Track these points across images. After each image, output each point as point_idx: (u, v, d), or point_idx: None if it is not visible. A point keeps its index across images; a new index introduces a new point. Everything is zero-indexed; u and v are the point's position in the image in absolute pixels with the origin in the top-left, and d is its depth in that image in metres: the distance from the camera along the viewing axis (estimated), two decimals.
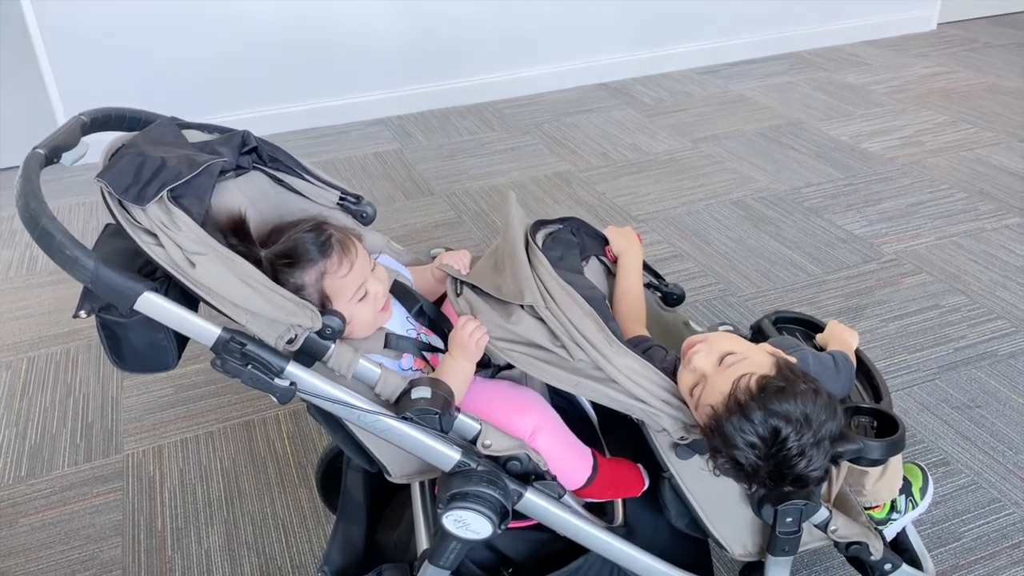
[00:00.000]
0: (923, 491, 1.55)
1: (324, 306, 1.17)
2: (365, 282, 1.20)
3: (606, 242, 1.49)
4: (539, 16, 4.39)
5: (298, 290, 1.15)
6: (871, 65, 4.76)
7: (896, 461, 1.44)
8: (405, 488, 1.45)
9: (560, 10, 4.42)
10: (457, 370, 1.19)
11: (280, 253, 1.15)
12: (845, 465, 1.37)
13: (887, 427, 1.29)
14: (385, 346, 1.23)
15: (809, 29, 5.04)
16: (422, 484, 1.38)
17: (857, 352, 1.48)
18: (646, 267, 1.51)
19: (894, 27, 5.26)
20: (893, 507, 1.51)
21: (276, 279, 1.14)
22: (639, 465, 1.36)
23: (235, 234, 1.14)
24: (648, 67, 4.72)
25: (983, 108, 4.09)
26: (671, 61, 4.77)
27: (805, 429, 1.10)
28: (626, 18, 4.59)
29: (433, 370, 1.26)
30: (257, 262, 1.13)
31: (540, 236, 1.28)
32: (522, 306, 1.17)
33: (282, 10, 3.90)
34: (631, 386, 1.15)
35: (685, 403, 1.17)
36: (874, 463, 1.29)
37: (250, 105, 4.04)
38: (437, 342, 1.31)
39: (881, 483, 1.43)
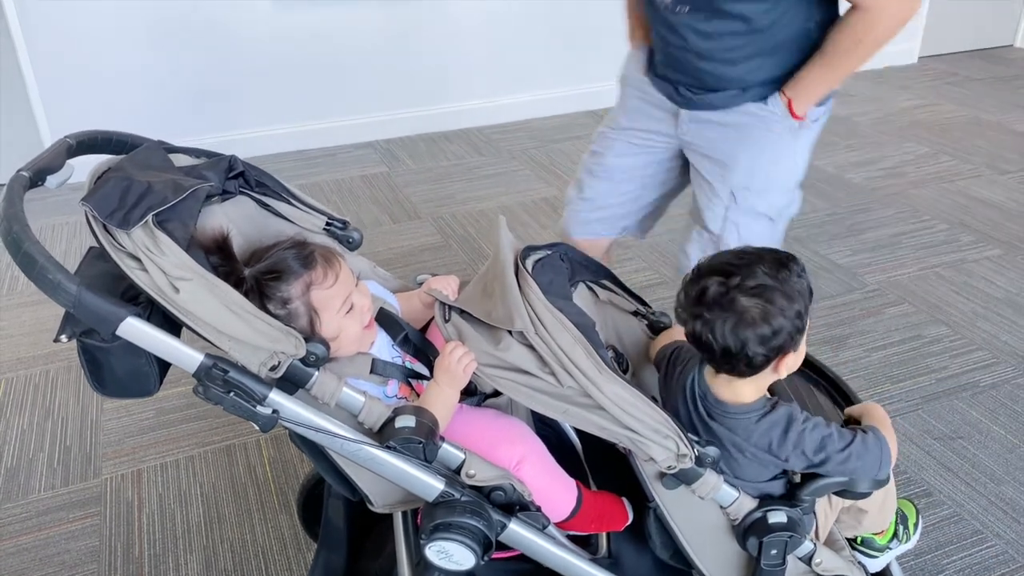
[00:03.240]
0: (915, 527, 1.56)
1: (312, 321, 1.17)
2: (350, 295, 1.21)
3: (603, 272, 1.48)
4: (527, 43, 4.44)
5: (285, 303, 1.15)
6: (854, 96, 4.83)
7: (892, 489, 1.44)
8: (387, 517, 1.43)
9: (548, 37, 4.46)
10: (442, 397, 1.18)
11: (265, 269, 1.16)
12: (838, 503, 1.37)
13: None
14: (371, 371, 1.22)
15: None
16: (404, 514, 1.37)
17: (840, 383, 1.48)
18: (631, 294, 1.51)
19: (877, 59, 5.32)
20: (895, 535, 1.51)
21: (263, 295, 1.14)
22: (624, 499, 1.35)
23: (219, 251, 1.14)
24: None
25: (964, 141, 4.15)
26: None
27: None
28: (613, 46, 4.63)
29: (418, 397, 1.25)
30: (240, 281, 1.13)
31: (530, 262, 1.27)
32: (511, 332, 1.17)
33: (270, 33, 3.91)
34: (620, 414, 1.15)
35: (674, 432, 1.16)
36: (860, 496, 1.29)
37: (237, 127, 4.04)
38: (422, 370, 1.30)
39: (881, 513, 1.43)
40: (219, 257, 1.13)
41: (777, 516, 1.25)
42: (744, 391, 1.21)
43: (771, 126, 1.68)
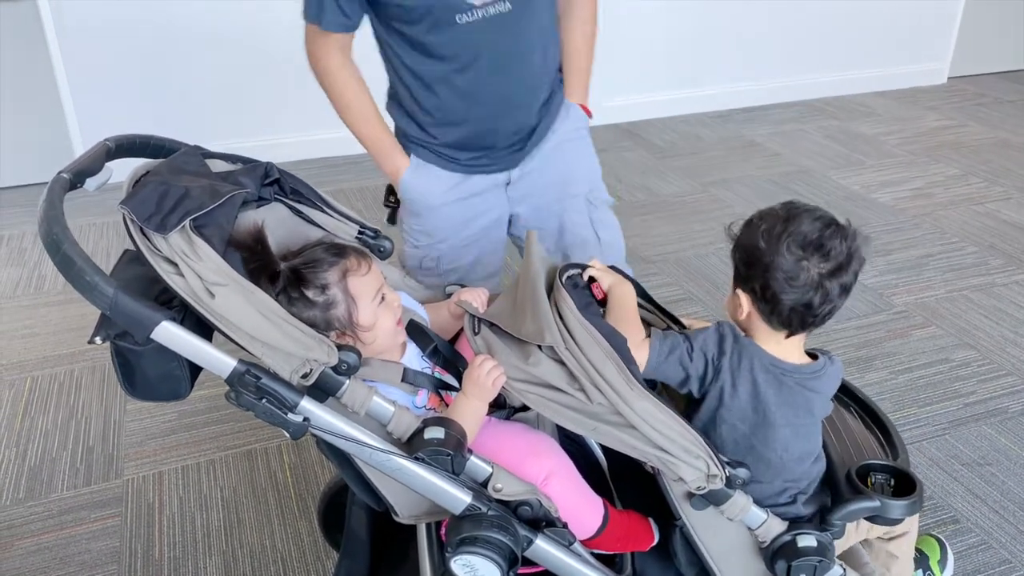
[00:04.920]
0: (942, 563, 1.53)
1: (350, 309, 1.19)
2: (382, 286, 1.24)
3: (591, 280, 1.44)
4: None
5: (324, 289, 1.17)
6: (882, 116, 4.79)
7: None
8: (409, 527, 1.42)
9: None
10: (470, 410, 1.18)
11: (301, 261, 1.18)
12: (864, 525, 1.35)
13: (904, 485, 1.27)
14: (402, 380, 1.22)
15: (820, 78, 5.09)
16: (428, 525, 1.36)
17: (872, 405, 1.47)
18: (662, 310, 1.49)
19: (905, 79, 5.31)
20: None
21: (301, 282, 1.16)
22: (650, 519, 1.34)
23: (256, 243, 1.16)
24: (660, 110, 4.76)
25: (993, 163, 4.10)
26: (683, 104, 4.81)
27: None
28: (639, 61, 4.63)
29: (447, 408, 1.24)
30: (275, 275, 1.15)
31: (564, 277, 1.27)
32: (540, 347, 1.16)
33: (299, 40, 3.93)
34: (650, 432, 1.14)
35: (705, 452, 1.15)
36: (892, 522, 1.27)
37: (264, 133, 4.07)
38: (452, 381, 1.29)
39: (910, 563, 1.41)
40: (253, 252, 1.14)
41: (807, 540, 1.24)
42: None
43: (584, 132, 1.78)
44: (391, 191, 1.75)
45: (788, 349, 1.27)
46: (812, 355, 1.31)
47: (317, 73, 1.64)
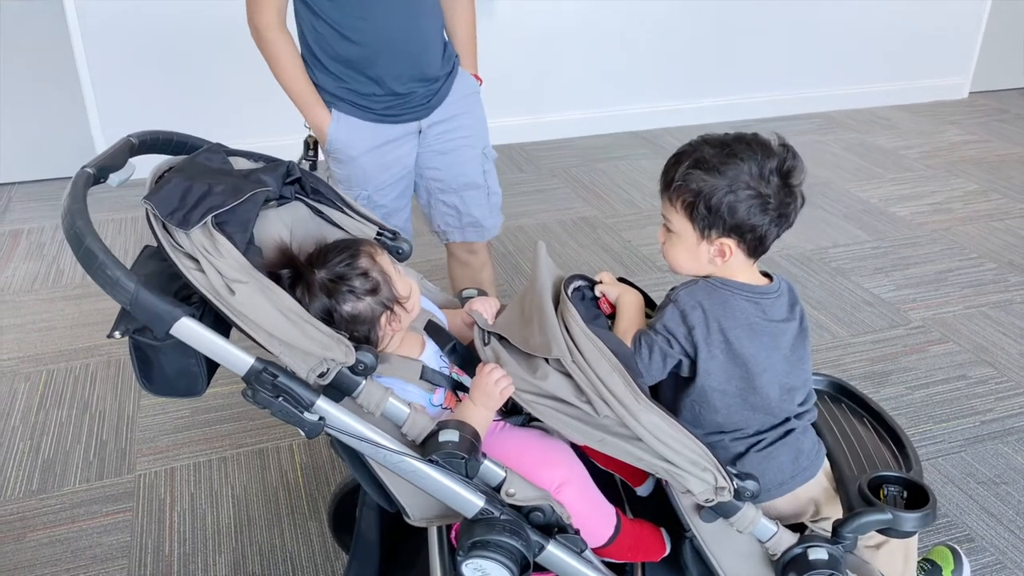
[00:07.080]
0: (956, 574, 1.51)
1: (392, 284, 1.20)
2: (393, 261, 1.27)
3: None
4: (573, 62, 4.45)
5: (366, 276, 1.18)
6: (902, 129, 4.77)
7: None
8: (419, 530, 1.42)
9: (593, 58, 4.47)
10: (477, 417, 1.18)
11: (334, 261, 1.18)
12: (883, 541, 1.34)
13: (917, 498, 1.26)
14: (420, 377, 1.22)
15: (840, 90, 5.07)
16: (439, 528, 1.36)
17: (887, 418, 1.45)
18: None
19: (926, 93, 5.28)
20: None
21: (344, 281, 1.16)
22: (662, 529, 1.33)
23: (289, 259, 1.17)
24: (679, 118, 4.76)
25: (1014, 179, 4.07)
26: (702, 114, 4.80)
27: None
28: (659, 69, 4.63)
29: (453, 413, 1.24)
30: (310, 284, 1.15)
31: (570, 289, 1.28)
32: (548, 360, 1.16)
33: None
34: (657, 445, 1.14)
35: (712, 465, 1.15)
36: (903, 535, 1.25)
37: (286, 132, 4.08)
38: (468, 382, 1.29)
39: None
40: (285, 266, 1.16)
41: (818, 553, 1.23)
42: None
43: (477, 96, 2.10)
44: (308, 147, 2.02)
45: (754, 273, 1.32)
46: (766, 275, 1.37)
47: (253, 32, 1.90)
